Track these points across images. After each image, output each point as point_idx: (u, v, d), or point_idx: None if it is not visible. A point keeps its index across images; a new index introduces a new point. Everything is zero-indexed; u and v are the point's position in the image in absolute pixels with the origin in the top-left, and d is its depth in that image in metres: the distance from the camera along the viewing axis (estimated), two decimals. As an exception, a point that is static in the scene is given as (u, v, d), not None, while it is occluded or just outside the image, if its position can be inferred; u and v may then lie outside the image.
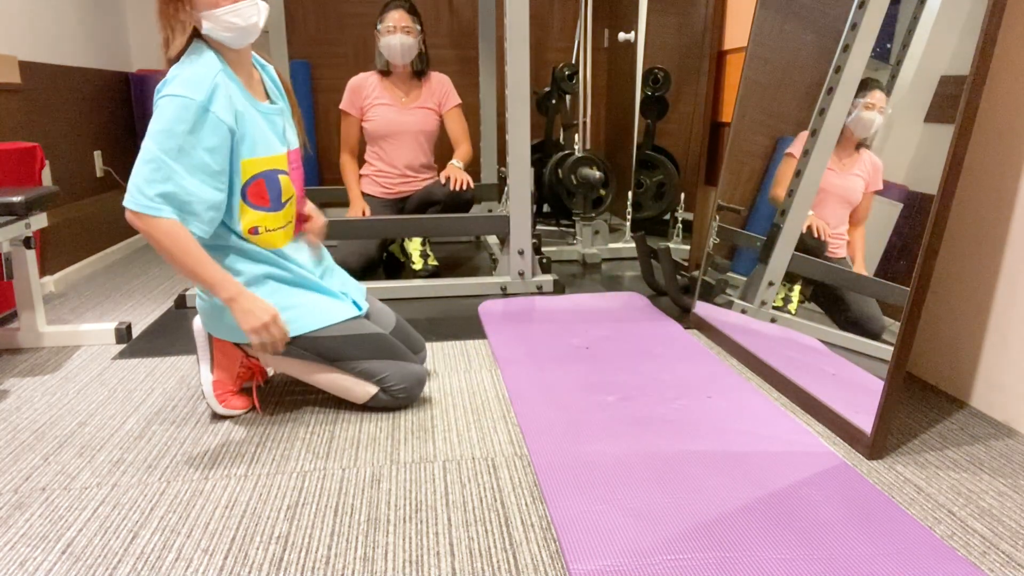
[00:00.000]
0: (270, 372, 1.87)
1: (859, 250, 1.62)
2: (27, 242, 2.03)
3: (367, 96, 2.89)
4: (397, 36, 2.75)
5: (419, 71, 2.90)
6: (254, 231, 1.55)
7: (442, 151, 2.98)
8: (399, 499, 1.31)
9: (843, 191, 1.67)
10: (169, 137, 1.39)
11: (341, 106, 2.91)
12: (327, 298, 1.64)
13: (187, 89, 1.40)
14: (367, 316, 1.72)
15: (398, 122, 2.89)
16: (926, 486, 1.36)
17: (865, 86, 1.66)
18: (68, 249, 2.90)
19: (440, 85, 2.94)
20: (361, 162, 3.01)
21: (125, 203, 1.41)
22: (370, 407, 1.67)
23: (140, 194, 1.39)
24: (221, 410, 1.63)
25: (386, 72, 2.89)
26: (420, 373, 1.68)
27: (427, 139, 2.95)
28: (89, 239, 3.09)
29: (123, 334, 2.16)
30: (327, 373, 1.62)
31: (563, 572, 1.11)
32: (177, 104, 1.39)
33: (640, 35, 3.32)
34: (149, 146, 1.39)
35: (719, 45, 2.68)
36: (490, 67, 3.65)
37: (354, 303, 1.68)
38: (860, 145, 1.64)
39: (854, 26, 1.73)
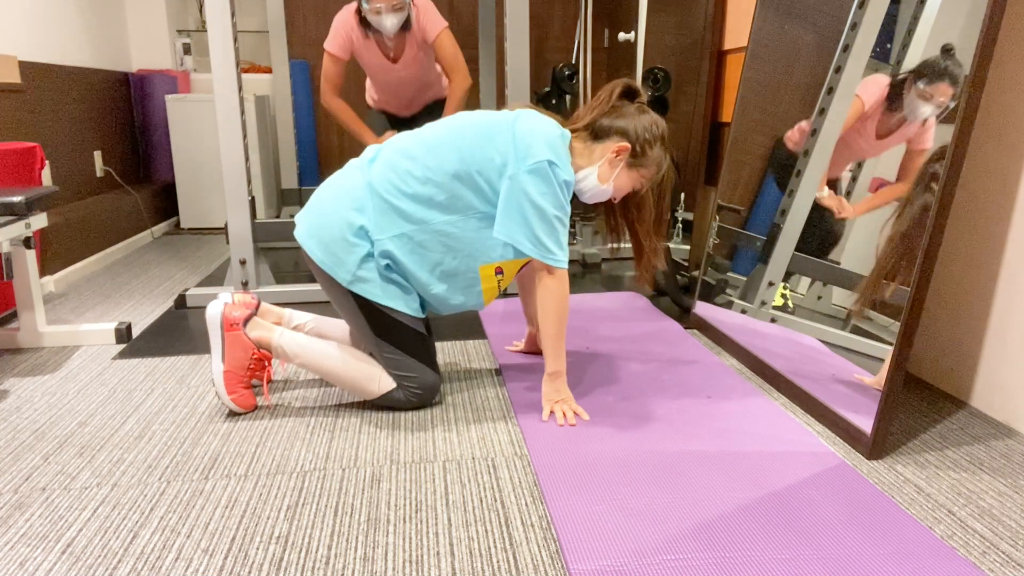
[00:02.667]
0: (275, 369, 1.87)
1: (873, 199, 1.60)
2: (27, 242, 2.03)
3: (355, 50, 2.72)
4: (386, 16, 2.54)
5: (404, 26, 2.66)
6: (499, 271, 1.65)
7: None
8: (399, 499, 1.31)
9: (860, 152, 1.66)
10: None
11: (328, 48, 2.68)
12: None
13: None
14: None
15: (390, 79, 2.81)
16: (926, 486, 1.36)
17: (933, 73, 1.50)
18: (68, 249, 2.90)
19: (420, 17, 2.66)
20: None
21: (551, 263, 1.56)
22: (377, 404, 1.67)
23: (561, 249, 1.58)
24: (228, 402, 1.63)
25: (366, 23, 2.62)
26: (438, 382, 1.68)
27: (425, 72, 2.84)
28: (89, 239, 3.09)
29: (123, 334, 2.16)
30: (339, 366, 1.62)
31: (563, 572, 1.11)
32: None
33: (640, 35, 3.32)
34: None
35: (719, 45, 2.68)
36: (490, 67, 3.65)
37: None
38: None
39: (854, 26, 1.73)
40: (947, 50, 1.45)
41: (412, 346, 1.62)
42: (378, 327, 1.60)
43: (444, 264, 1.61)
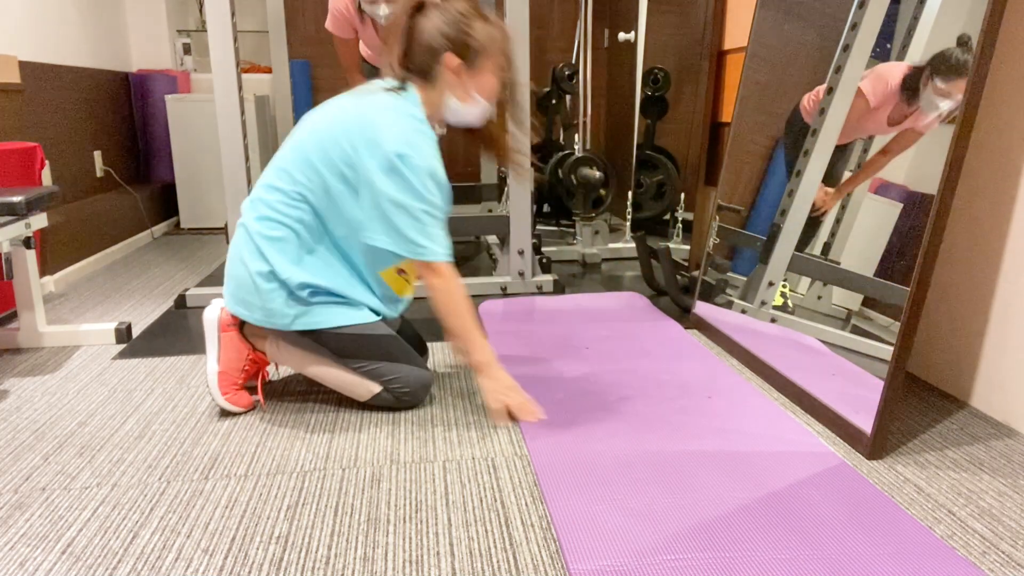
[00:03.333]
0: (271, 370, 1.87)
1: (854, 177, 1.60)
2: (27, 242, 2.03)
3: (355, 33, 2.70)
4: (381, 6, 2.51)
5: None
6: (402, 271, 1.64)
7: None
8: (399, 499, 1.31)
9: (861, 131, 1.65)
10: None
11: (334, 31, 2.69)
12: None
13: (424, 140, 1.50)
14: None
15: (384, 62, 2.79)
16: (926, 486, 1.35)
17: (950, 69, 1.43)
18: (68, 249, 2.90)
19: None
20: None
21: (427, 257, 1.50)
22: (372, 405, 1.67)
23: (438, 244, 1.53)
24: (222, 402, 1.63)
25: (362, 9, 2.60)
26: (427, 377, 1.67)
27: None
28: (89, 239, 3.09)
29: (123, 334, 2.16)
30: (331, 368, 1.62)
31: (563, 572, 1.11)
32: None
33: (640, 35, 3.32)
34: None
35: (719, 45, 2.68)
36: (490, 67, 3.64)
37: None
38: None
39: (854, 26, 1.73)
40: (963, 42, 1.41)
41: (379, 351, 1.61)
42: (338, 350, 1.60)
43: (356, 273, 1.60)
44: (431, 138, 1.53)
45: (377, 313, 1.65)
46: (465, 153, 4.41)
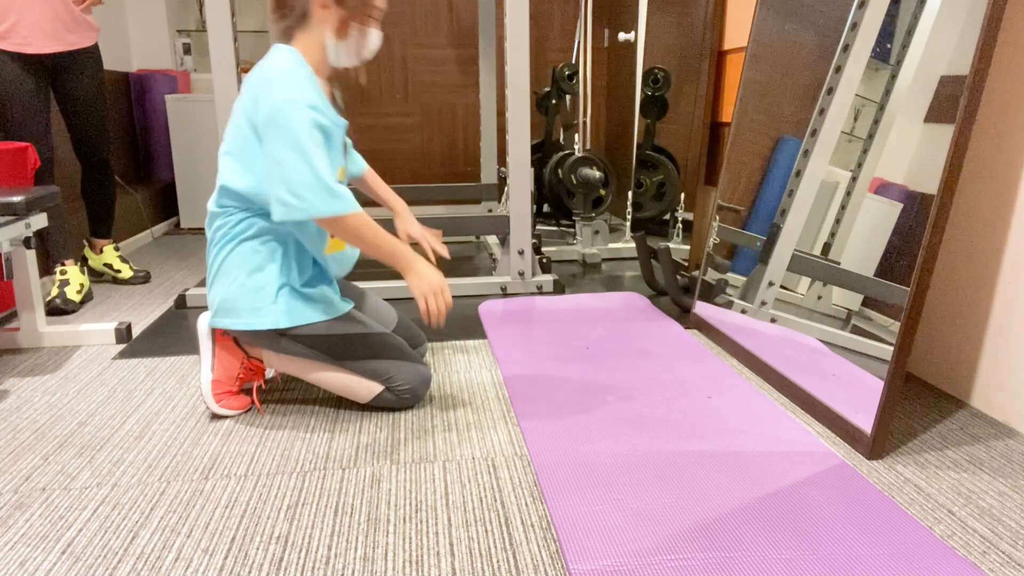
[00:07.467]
0: (269, 374, 1.87)
1: None
2: (27, 242, 2.03)
3: None
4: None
5: None
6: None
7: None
8: (399, 499, 1.31)
9: None
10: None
11: None
12: (332, 294, 1.66)
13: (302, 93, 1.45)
14: (362, 311, 1.74)
15: None
16: (926, 486, 1.35)
17: None
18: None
19: None
20: None
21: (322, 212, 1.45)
22: (373, 406, 1.67)
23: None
24: (217, 409, 1.64)
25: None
26: (426, 373, 1.67)
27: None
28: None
29: (123, 334, 2.16)
30: (330, 372, 1.62)
31: (563, 572, 1.11)
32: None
33: (640, 35, 3.32)
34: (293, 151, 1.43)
35: (719, 45, 2.68)
36: (490, 67, 3.65)
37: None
38: None
39: (854, 26, 1.73)
40: None
41: (373, 349, 1.61)
42: (333, 352, 1.60)
43: (306, 254, 1.63)
44: (309, 81, 1.51)
45: (337, 293, 1.67)
46: (465, 153, 4.41)
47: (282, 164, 1.43)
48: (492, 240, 3.41)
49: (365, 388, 1.63)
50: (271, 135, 1.44)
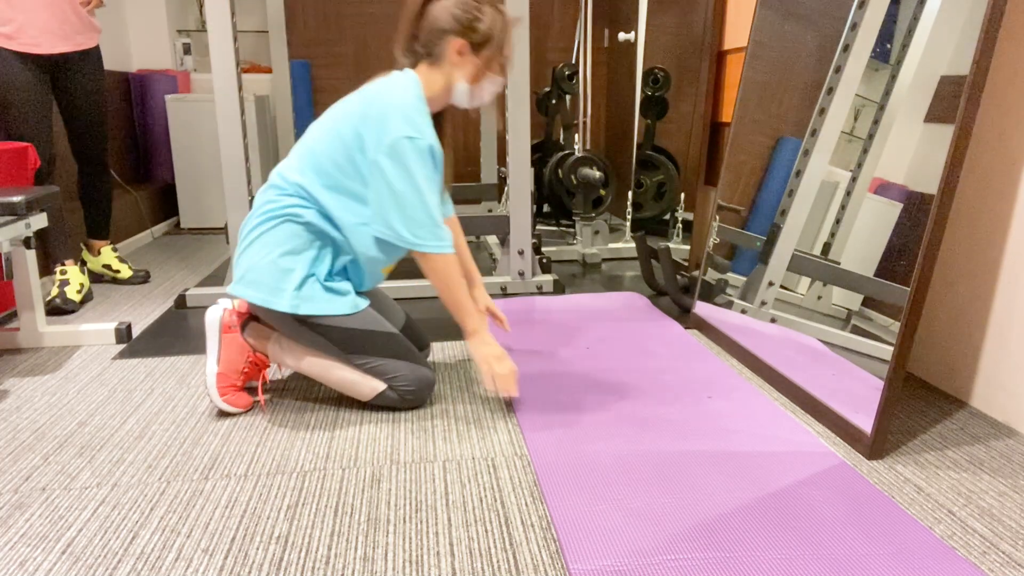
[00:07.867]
0: (271, 372, 1.87)
1: None
2: (27, 242, 2.03)
3: None
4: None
5: None
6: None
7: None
8: (399, 499, 1.31)
9: None
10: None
11: None
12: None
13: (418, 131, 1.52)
14: (377, 311, 1.76)
15: None
16: (926, 486, 1.36)
17: None
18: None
19: None
20: None
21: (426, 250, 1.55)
22: (374, 405, 1.67)
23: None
24: (220, 403, 1.64)
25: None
26: (430, 376, 1.68)
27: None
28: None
29: (123, 334, 2.16)
30: (334, 368, 1.62)
31: (563, 572, 1.11)
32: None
33: (640, 35, 3.32)
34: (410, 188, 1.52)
35: (719, 45, 2.68)
36: (490, 67, 3.64)
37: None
38: None
39: (854, 26, 1.73)
40: None
41: (383, 348, 1.62)
42: (342, 343, 1.60)
43: (358, 262, 1.66)
44: (427, 116, 1.57)
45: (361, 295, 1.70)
46: (465, 153, 4.41)
47: (400, 196, 1.52)
48: (492, 240, 3.41)
49: (368, 385, 1.63)
50: (390, 163, 1.51)
